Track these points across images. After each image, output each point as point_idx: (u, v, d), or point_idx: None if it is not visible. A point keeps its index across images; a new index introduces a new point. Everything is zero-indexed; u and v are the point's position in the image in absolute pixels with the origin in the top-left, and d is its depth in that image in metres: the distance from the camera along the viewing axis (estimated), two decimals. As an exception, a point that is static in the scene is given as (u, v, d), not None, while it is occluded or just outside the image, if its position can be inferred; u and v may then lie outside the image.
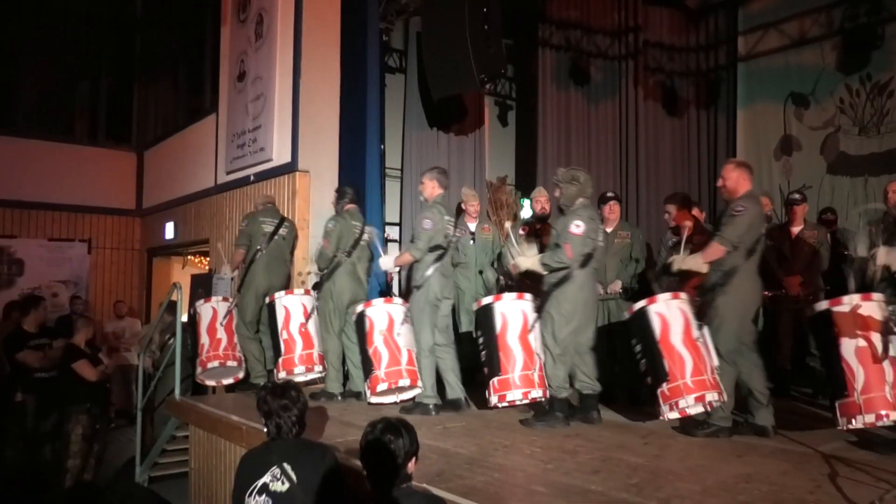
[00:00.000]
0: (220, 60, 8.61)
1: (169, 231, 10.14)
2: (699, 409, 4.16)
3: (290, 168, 7.06)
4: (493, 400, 4.62)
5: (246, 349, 6.15)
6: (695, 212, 5.85)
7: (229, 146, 8.16)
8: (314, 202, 6.96)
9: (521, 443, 4.16)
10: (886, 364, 3.72)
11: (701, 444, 4.10)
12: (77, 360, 6.44)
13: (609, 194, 6.02)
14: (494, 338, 4.68)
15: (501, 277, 6.21)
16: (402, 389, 5.24)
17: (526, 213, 8.84)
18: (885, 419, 3.68)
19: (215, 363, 6.12)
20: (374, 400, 5.17)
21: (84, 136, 11.52)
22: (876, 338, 3.74)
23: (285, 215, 6.55)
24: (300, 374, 5.85)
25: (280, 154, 7.22)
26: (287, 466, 2.78)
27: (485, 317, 4.77)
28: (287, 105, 7.14)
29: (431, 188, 5.24)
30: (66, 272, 10.74)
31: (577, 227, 4.51)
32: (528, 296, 4.80)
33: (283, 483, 2.75)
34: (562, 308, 4.56)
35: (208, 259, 9.29)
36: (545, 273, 4.68)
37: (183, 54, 10.41)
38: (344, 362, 5.79)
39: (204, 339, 6.19)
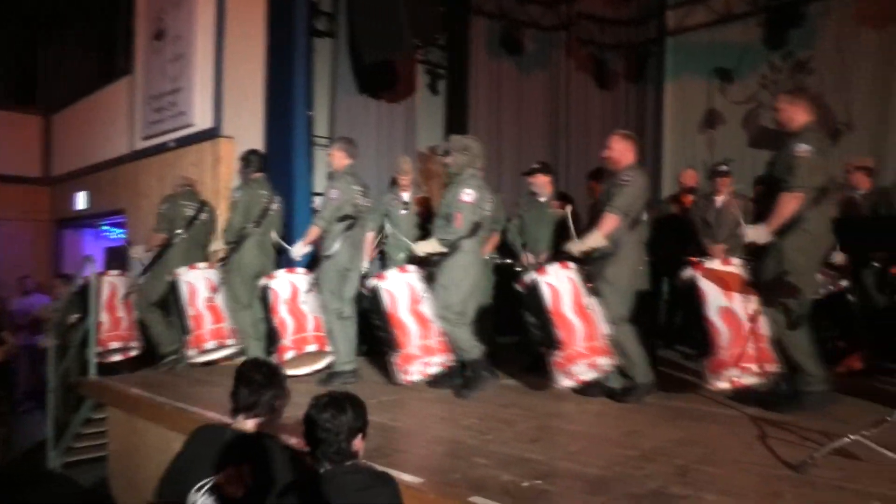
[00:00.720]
0: (135, 17, 8.07)
1: (80, 201, 9.55)
2: (593, 374, 4.26)
3: (212, 134, 6.71)
4: (400, 377, 4.68)
5: (150, 325, 5.98)
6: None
7: (146, 110, 7.69)
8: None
9: (457, 414, 4.10)
10: (747, 321, 3.96)
11: (634, 410, 4.14)
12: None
13: (535, 165, 6.03)
14: (386, 315, 4.72)
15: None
16: (313, 358, 5.20)
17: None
18: (748, 373, 3.97)
19: (117, 343, 6.00)
20: (289, 371, 5.03)
21: (-17, 96, 10.70)
22: (736, 298, 4.01)
23: (208, 189, 6.32)
24: (213, 350, 5.75)
25: (202, 119, 6.85)
26: (246, 469, 2.52)
27: (374, 297, 4.81)
28: (209, 67, 6.77)
29: (340, 158, 5.21)
30: (-35, 245, 10.03)
31: (468, 195, 4.53)
32: (411, 267, 4.88)
33: (238, 487, 2.49)
34: (452, 276, 4.58)
35: (127, 232, 8.81)
36: (446, 250, 4.66)
37: (94, 9, 9.69)
38: None
39: (102, 316, 5.99)
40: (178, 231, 5.99)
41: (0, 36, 10.72)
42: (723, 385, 4.06)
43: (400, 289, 4.78)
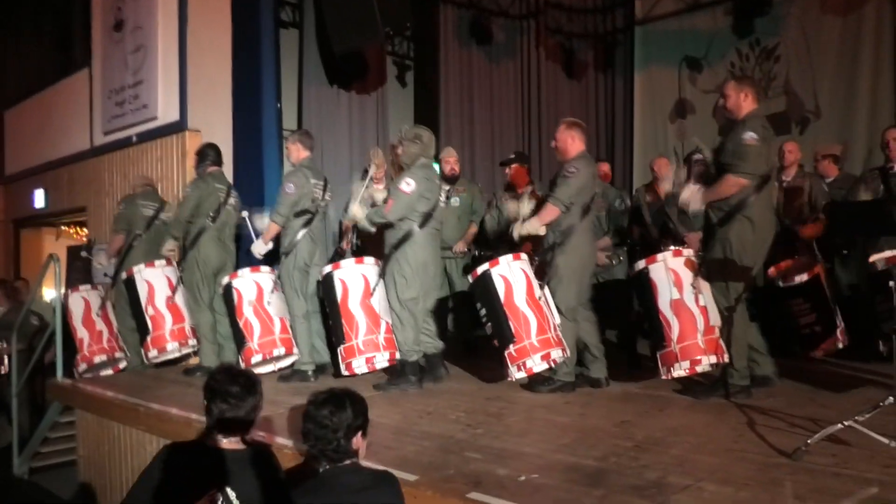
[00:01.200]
0: (91, 7, 7.77)
1: (38, 199, 9.20)
2: (545, 366, 4.23)
3: (178, 127, 6.50)
4: (342, 369, 4.62)
5: (127, 336, 5.81)
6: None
7: (106, 104, 7.43)
8: (207, 164, 6.45)
9: (443, 408, 4.03)
10: (698, 313, 3.97)
11: (621, 400, 4.13)
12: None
13: (511, 156, 6.01)
14: (336, 305, 4.63)
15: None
16: (277, 358, 5.13)
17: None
18: (700, 365, 3.96)
19: (102, 357, 5.76)
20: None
21: (-71, 92, 10.24)
22: (687, 290, 4.00)
23: (176, 185, 6.15)
24: (173, 351, 5.62)
25: (166, 112, 6.63)
26: (231, 493, 2.29)
27: (326, 286, 4.71)
28: (173, 57, 6.54)
29: (296, 151, 5.11)
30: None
31: (408, 185, 4.45)
32: (368, 259, 4.77)
33: None
34: (403, 269, 4.50)
35: (86, 230, 8.52)
36: (371, 228, 4.63)
37: (48, -1, 9.37)
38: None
39: (81, 332, 5.76)
40: (138, 232, 5.82)
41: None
42: (678, 373, 4.08)
43: (354, 279, 4.65)
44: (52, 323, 5.86)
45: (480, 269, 4.28)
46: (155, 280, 5.51)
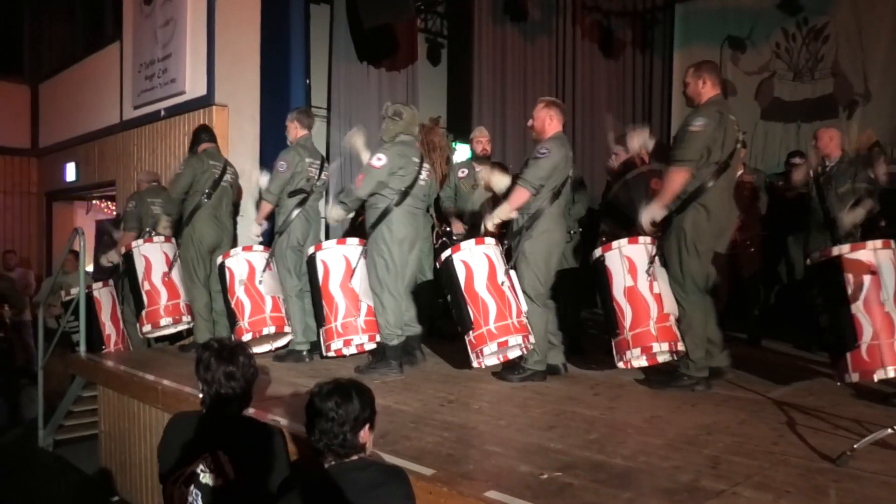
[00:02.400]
0: (122, -20, 7.73)
1: (70, 172, 9.27)
2: (505, 354, 4.17)
3: (205, 102, 6.43)
4: (323, 351, 4.63)
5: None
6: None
7: (136, 78, 7.39)
8: (233, 139, 6.39)
9: (465, 397, 3.90)
10: (651, 301, 3.94)
11: (651, 395, 3.94)
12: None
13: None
14: (318, 287, 4.60)
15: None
16: (273, 337, 5.13)
17: (459, 155, 8.47)
18: (651, 352, 3.95)
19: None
20: None
21: (-32, 66, 10.31)
22: (642, 277, 3.96)
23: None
24: (167, 326, 5.63)
25: (194, 86, 6.56)
26: (223, 457, 2.33)
27: (310, 267, 4.68)
28: (201, 31, 6.45)
29: (294, 130, 5.03)
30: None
31: (379, 160, 4.35)
32: (351, 240, 4.70)
33: (215, 477, 2.30)
34: (382, 249, 4.41)
35: (115, 203, 8.53)
36: (346, 213, 4.61)
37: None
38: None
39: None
40: (147, 229, 5.83)
41: (-17, 4, 10.35)
42: (637, 363, 4.04)
43: (335, 261, 4.59)
44: (77, 297, 5.86)
45: (444, 255, 4.21)
46: (152, 255, 5.52)
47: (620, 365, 4.07)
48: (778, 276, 6.20)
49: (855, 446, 2.68)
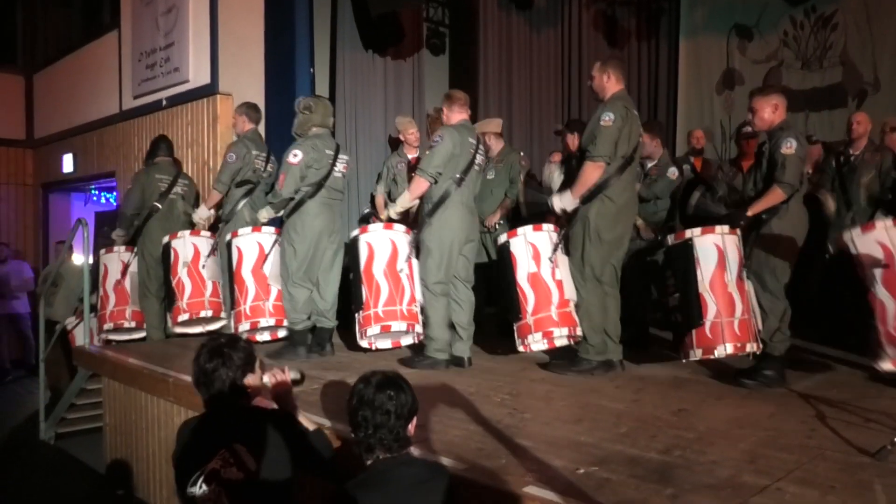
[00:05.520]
0: (120, -33, 7.58)
1: (67, 164, 9.12)
2: (387, 340, 4.33)
3: (209, 90, 6.32)
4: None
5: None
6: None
7: (136, 67, 7.25)
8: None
9: (486, 389, 3.82)
10: (553, 286, 4.01)
11: (674, 387, 3.88)
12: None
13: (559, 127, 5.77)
14: (231, 272, 4.82)
15: None
16: (208, 321, 5.26)
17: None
18: (551, 336, 4.04)
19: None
20: (177, 329, 5.25)
21: (-39, 56, 10.12)
22: (545, 263, 4.03)
23: (206, 149, 6.19)
24: (125, 331, 5.80)
25: (198, 75, 6.44)
26: (241, 449, 2.26)
27: (227, 252, 4.88)
28: (204, 18, 6.34)
29: (242, 123, 5.26)
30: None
31: (294, 156, 4.46)
32: (267, 228, 4.85)
33: (237, 470, 2.23)
34: (293, 238, 4.54)
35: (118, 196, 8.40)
36: (275, 212, 4.68)
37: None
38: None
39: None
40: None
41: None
42: (537, 347, 4.11)
43: (249, 247, 4.77)
44: (80, 287, 5.77)
45: (352, 235, 4.43)
46: (111, 264, 5.72)
47: (521, 349, 4.12)
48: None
49: (895, 440, 2.62)
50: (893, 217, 3.78)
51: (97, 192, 9.90)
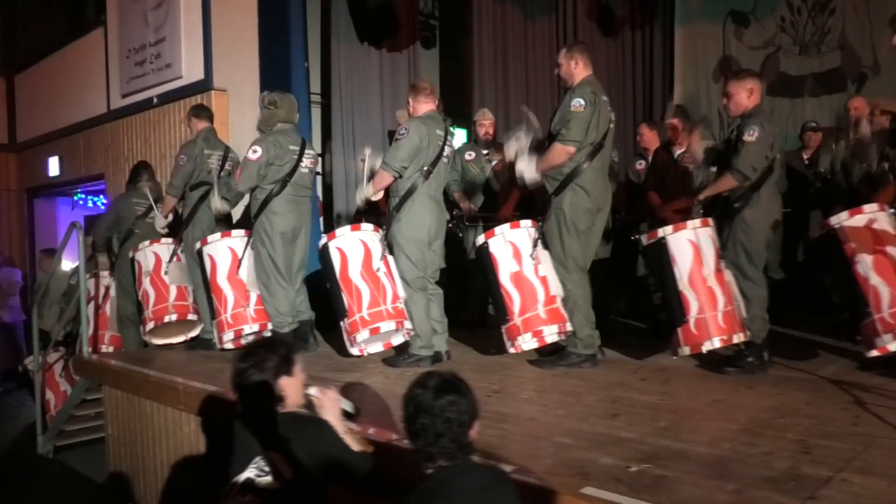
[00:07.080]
0: (104, -38, 7.35)
1: (53, 167, 8.87)
2: (378, 343, 4.17)
3: (203, 86, 6.14)
4: (217, 344, 4.70)
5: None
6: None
7: (124, 64, 7.04)
8: (234, 125, 6.09)
9: (510, 386, 3.71)
10: (538, 284, 3.91)
11: (701, 377, 3.79)
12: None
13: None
14: (207, 282, 4.70)
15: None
16: (182, 327, 5.19)
17: (457, 141, 8.24)
18: (541, 335, 3.92)
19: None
20: (155, 342, 5.16)
21: (-63, 58, 9.81)
22: (526, 261, 3.92)
23: None
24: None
25: (191, 70, 6.25)
26: (276, 456, 2.18)
27: (199, 261, 4.75)
28: (196, 12, 6.15)
29: (194, 124, 5.18)
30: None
31: (254, 152, 4.37)
32: (236, 232, 4.75)
33: (273, 479, 2.15)
34: (264, 238, 4.46)
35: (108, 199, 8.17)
36: (230, 207, 4.76)
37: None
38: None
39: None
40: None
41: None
42: (528, 346, 3.97)
43: (221, 254, 4.65)
44: (77, 295, 5.56)
45: (321, 243, 4.20)
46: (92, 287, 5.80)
47: (511, 350, 3.99)
48: (795, 255, 6.09)
49: (948, 425, 2.55)
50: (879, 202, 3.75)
51: (84, 196, 9.64)
